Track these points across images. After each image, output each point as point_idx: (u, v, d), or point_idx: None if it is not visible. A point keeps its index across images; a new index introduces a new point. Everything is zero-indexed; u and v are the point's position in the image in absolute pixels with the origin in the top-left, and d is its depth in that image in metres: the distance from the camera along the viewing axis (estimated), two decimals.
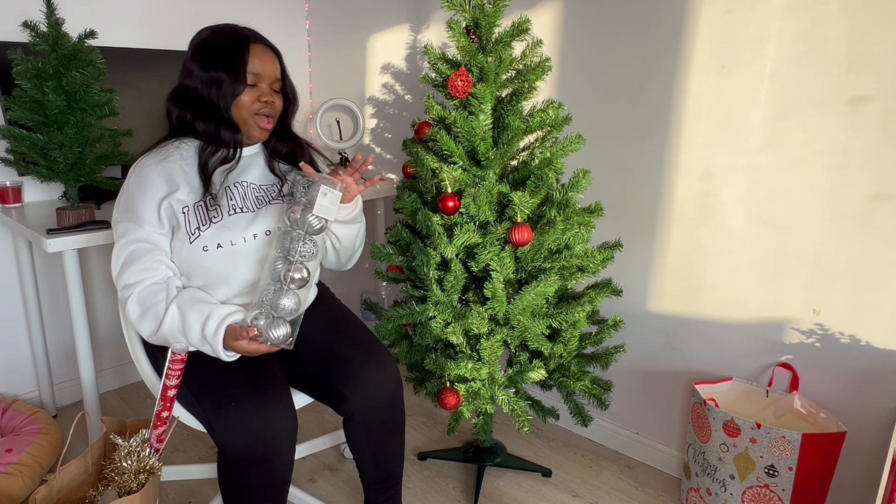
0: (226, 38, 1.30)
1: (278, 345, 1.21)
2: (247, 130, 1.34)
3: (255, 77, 1.30)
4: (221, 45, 1.29)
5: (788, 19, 1.46)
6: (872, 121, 1.38)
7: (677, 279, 1.77)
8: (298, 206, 1.26)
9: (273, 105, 1.34)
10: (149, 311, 1.25)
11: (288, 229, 1.26)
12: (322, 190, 1.23)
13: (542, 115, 1.51)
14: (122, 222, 1.30)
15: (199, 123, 1.31)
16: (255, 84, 1.30)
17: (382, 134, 2.59)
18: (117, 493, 1.24)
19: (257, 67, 1.30)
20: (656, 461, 1.92)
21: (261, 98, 1.31)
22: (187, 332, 1.23)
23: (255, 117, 1.32)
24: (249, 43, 1.30)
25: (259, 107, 1.31)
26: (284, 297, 1.22)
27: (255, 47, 1.30)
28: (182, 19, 2.29)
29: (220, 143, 1.32)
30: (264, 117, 1.33)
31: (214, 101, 1.29)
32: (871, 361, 1.46)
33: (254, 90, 1.31)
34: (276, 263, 1.26)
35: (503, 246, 1.50)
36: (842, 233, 1.46)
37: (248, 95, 1.30)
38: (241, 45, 1.29)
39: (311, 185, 1.26)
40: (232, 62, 1.28)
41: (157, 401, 1.25)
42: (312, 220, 1.23)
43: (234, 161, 1.35)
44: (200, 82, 1.29)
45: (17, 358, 2.13)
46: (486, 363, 1.49)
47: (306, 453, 1.93)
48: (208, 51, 1.29)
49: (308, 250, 1.25)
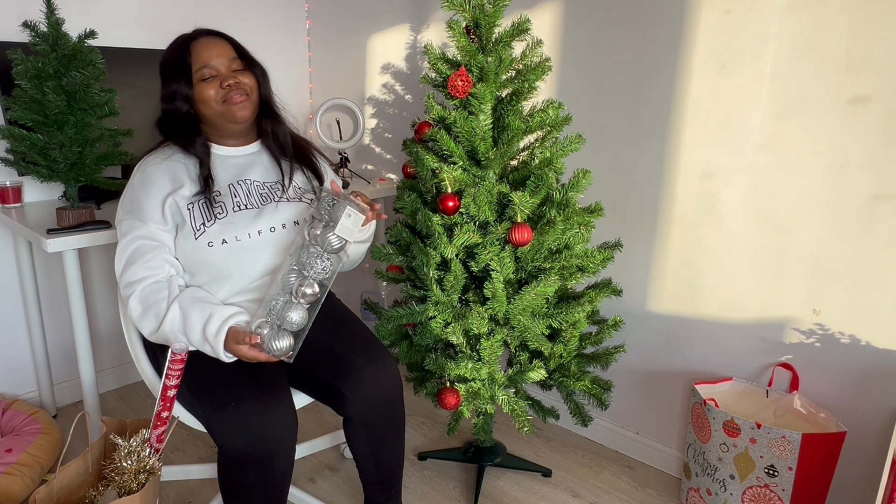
0: (171, 48, 1.33)
1: (278, 357, 1.21)
2: (228, 118, 1.32)
3: (208, 70, 1.29)
4: (168, 58, 1.32)
5: (788, 19, 1.46)
6: (872, 121, 1.38)
7: (677, 279, 1.77)
8: (320, 222, 1.26)
9: (240, 83, 1.31)
10: (150, 310, 1.25)
11: (307, 244, 1.26)
12: (347, 211, 1.24)
13: (542, 115, 1.51)
14: (125, 220, 1.30)
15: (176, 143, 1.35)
16: (212, 76, 1.30)
17: (382, 134, 2.59)
18: (117, 493, 1.24)
19: (204, 59, 1.29)
20: (656, 461, 1.92)
21: (223, 84, 1.30)
22: (188, 332, 1.23)
23: (227, 103, 1.31)
24: (189, 43, 1.31)
25: (225, 92, 1.30)
26: (293, 310, 1.22)
27: (197, 43, 1.31)
28: (181, 19, 2.29)
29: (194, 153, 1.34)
30: (236, 95, 1.31)
31: (182, 111, 1.32)
32: (871, 361, 1.46)
33: (213, 81, 1.30)
34: (289, 275, 1.26)
35: (503, 246, 1.50)
36: (842, 233, 1.46)
37: (211, 88, 1.30)
38: (181, 49, 1.30)
39: (336, 204, 1.26)
40: (180, 69, 1.30)
41: (157, 401, 1.25)
42: (333, 238, 1.24)
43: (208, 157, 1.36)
44: (165, 101, 1.32)
45: (17, 358, 2.13)
46: (486, 363, 1.49)
47: (306, 453, 1.93)
48: (162, 68, 1.33)
49: (324, 268, 1.25)
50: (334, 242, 1.24)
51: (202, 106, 1.31)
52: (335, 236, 1.24)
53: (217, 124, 1.35)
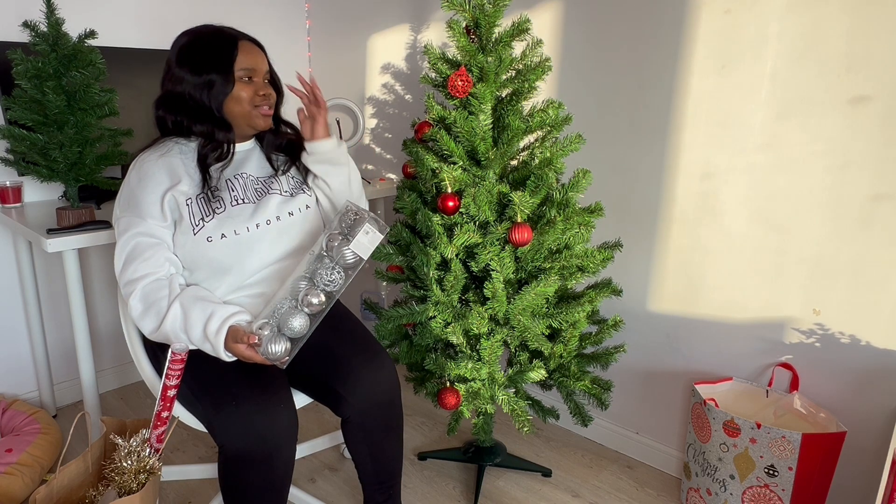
0: (212, 39, 1.32)
1: (272, 361, 1.22)
2: (250, 122, 1.36)
3: (248, 72, 1.33)
4: (209, 48, 1.31)
5: (788, 19, 1.46)
6: (872, 120, 1.38)
7: (677, 279, 1.77)
8: (338, 235, 1.27)
9: (270, 96, 1.38)
10: (151, 308, 1.25)
11: (322, 254, 1.27)
12: (365, 228, 1.25)
13: (542, 115, 1.51)
14: (124, 217, 1.30)
15: (195, 126, 1.34)
16: (250, 79, 1.34)
17: (382, 134, 2.59)
18: (117, 493, 1.24)
19: (249, 63, 1.33)
20: (656, 461, 1.92)
21: (258, 92, 1.35)
22: (189, 330, 1.23)
23: (257, 109, 1.36)
24: (237, 41, 1.32)
25: (259, 100, 1.35)
26: (295, 317, 1.22)
27: (244, 44, 1.33)
28: (181, 19, 2.29)
29: (215, 143, 1.35)
30: (265, 106, 1.37)
31: (206, 104, 1.32)
32: (871, 361, 1.46)
33: (250, 85, 1.34)
34: (299, 282, 1.26)
35: (503, 246, 1.50)
36: (842, 233, 1.46)
37: (245, 91, 1.33)
38: (230, 45, 1.31)
39: (356, 219, 1.27)
40: (222, 63, 1.31)
41: (157, 401, 1.25)
42: (347, 253, 1.25)
43: (227, 158, 1.37)
44: (192, 87, 1.31)
45: (17, 358, 2.13)
46: (486, 363, 1.49)
47: (306, 453, 1.93)
48: (196, 54, 1.31)
49: (332, 280, 1.25)
50: (348, 257, 1.25)
51: (234, 103, 1.33)
52: (350, 251, 1.25)
53: (236, 123, 1.37)
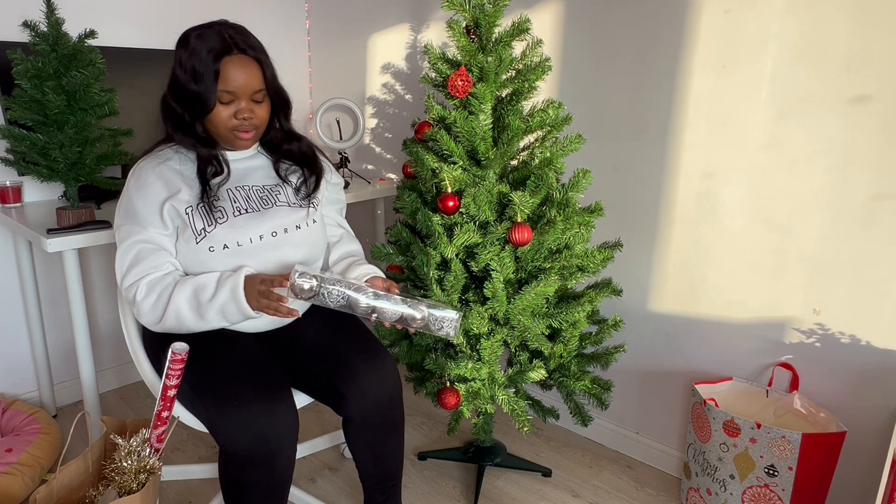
0: (204, 46, 1.24)
1: (294, 295, 1.18)
2: (230, 143, 1.33)
3: (229, 95, 1.25)
4: (198, 56, 1.23)
5: (788, 19, 1.46)
6: (873, 120, 1.38)
7: (677, 279, 1.77)
8: (421, 304, 1.24)
9: (253, 119, 1.29)
10: (157, 292, 1.26)
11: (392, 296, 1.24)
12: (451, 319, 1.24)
13: (542, 114, 1.51)
14: (124, 226, 1.30)
15: (176, 136, 1.31)
16: (230, 101, 1.27)
17: (382, 134, 2.59)
18: (117, 493, 1.24)
19: (231, 83, 1.24)
20: (656, 461, 1.92)
21: (238, 115, 1.28)
22: (199, 293, 1.24)
23: (235, 132, 1.30)
24: (224, 56, 1.23)
25: (237, 123, 1.29)
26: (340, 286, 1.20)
27: (231, 60, 1.24)
28: (182, 19, 2.27)
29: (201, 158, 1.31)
30: (244, 131, 1.30)
31: (187, 119, 1.28)
32: (871, 361, 1.46)
33: (230, 106, 1.27)
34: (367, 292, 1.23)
35: (503, 246, 1.50)
36: (842, 232, 1.46)
37: (224, 111, 1.27)
38: (215, 60, 1.23)
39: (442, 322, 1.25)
40: (204, 79, 1.23)
41: (157, 401, 1.25)
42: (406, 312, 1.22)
43: (224, 174, 1.34)
44: (177, 93, 1.28)
45: (17, 357, 2.13)
46: (486, 363, 1.49)
47: (306, 453, 1.93)
48: (187, 58, 1.25)
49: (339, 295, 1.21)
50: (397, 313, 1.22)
51: (211, 123, 1.29)
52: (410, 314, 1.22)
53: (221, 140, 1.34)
